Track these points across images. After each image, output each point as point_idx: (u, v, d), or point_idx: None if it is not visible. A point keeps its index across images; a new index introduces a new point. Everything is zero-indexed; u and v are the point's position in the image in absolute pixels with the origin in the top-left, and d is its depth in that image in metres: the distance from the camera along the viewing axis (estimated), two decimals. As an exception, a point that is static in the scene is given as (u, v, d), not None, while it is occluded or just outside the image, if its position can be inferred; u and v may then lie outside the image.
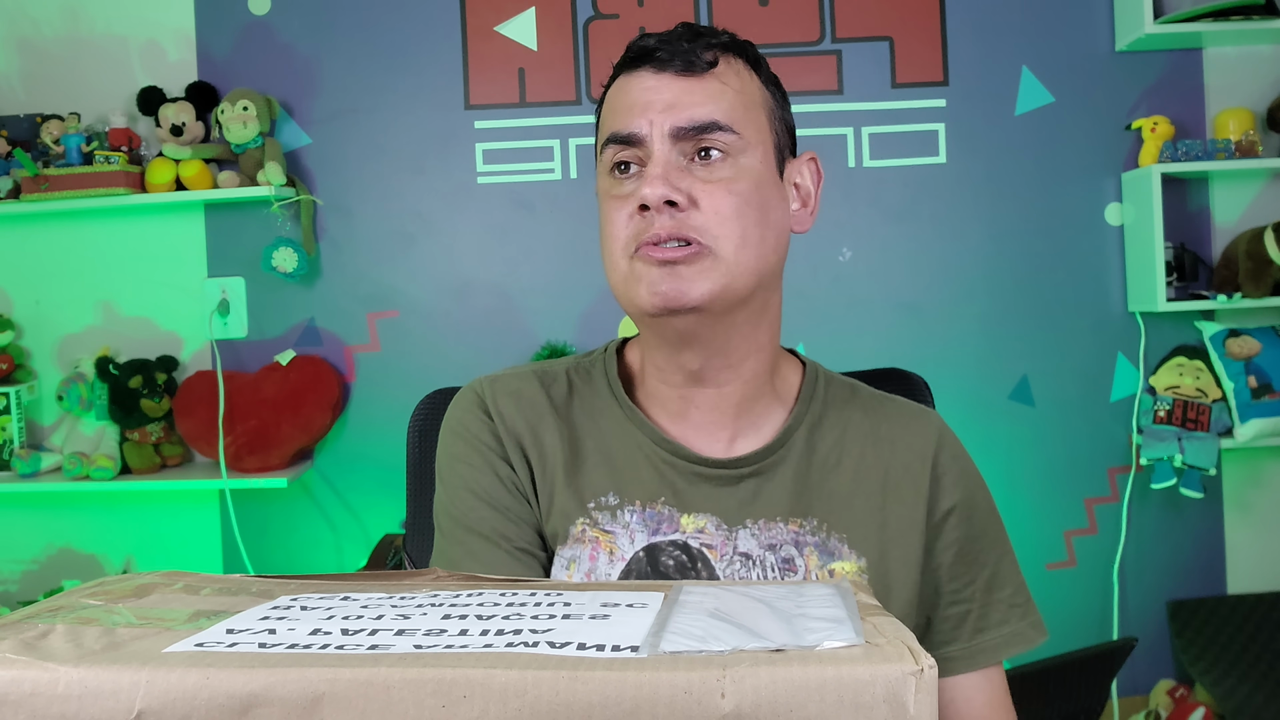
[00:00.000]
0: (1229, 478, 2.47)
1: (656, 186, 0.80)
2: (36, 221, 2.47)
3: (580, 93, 2.45)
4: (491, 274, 2.46)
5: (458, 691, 0.40)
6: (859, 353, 2.17)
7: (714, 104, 0.83)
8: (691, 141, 0.83)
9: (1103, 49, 2.44)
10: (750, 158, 0.84)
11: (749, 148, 0.84)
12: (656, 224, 0.81)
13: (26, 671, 0.41)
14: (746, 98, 0.86)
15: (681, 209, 0.81)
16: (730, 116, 0.83)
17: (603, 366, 0.95)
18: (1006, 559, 0.94)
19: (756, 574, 0.85)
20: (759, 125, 0.86)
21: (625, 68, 0.87)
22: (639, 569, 0.85)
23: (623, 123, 0.84)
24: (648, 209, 0.81)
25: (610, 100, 0.88)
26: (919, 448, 0.92)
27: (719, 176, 0.82)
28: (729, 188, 0.82)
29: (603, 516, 0.87)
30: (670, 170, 0.82)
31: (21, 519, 2.51)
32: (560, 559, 0.87)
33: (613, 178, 0.85)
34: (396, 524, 2.43)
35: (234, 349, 2.46)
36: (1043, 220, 2.45)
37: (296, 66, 2.46)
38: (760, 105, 0.87)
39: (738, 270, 0.82)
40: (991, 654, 0.91)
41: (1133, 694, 2.43)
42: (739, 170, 0.83)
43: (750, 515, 0.87)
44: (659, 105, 0.83)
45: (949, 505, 0.91)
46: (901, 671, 0.40)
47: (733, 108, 0.84)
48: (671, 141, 0.82)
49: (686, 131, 0.82)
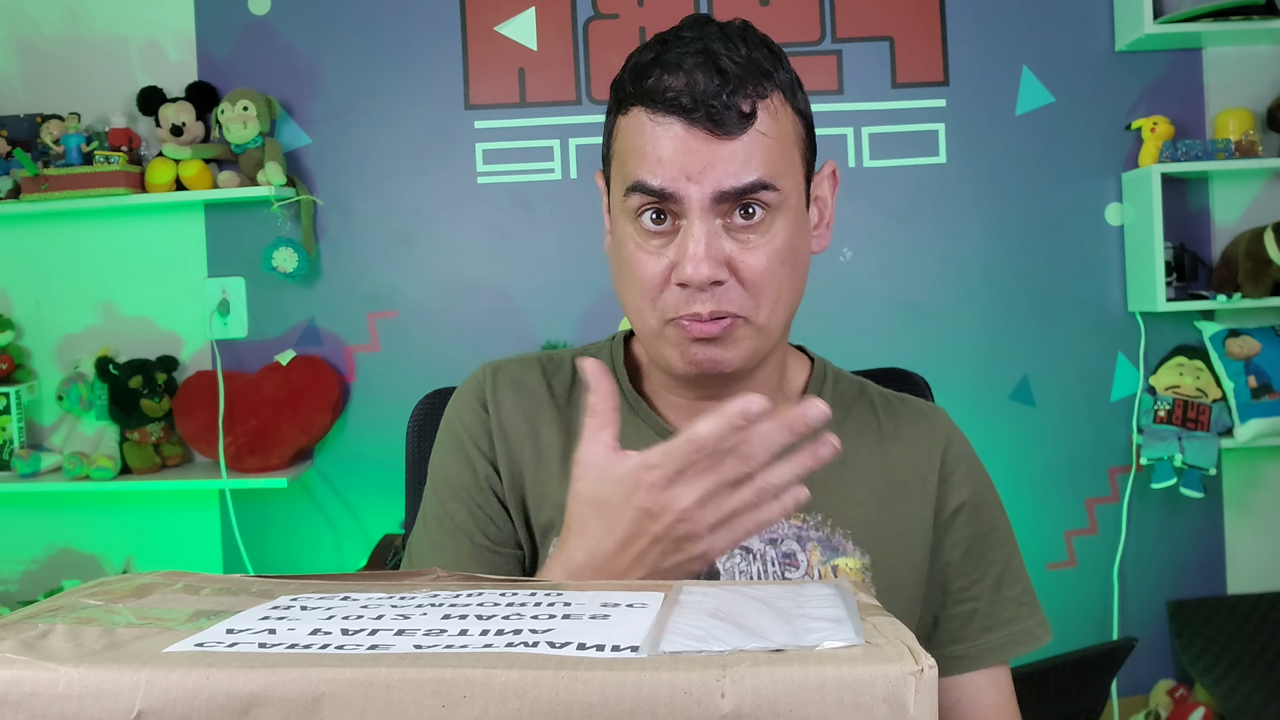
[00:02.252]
0: (1229, 478, 2.47)
1: (701, 268, 0.76)
2: (36, 221, 2.47)
3: (580, 93, 2.45)
4: (491, 274, 2.46)
5: (458, 691, 0.40)
6: (859, 353, 2.16)
7: (756, 162, 0.78)
8: (734, 202, 0.79)
9: (1103, 49, 2.44)
10: (788, 209, 0.81)
11: (787, 198, 0.81)
12: (697, 303, 0.78)
13: (26, 671, 0.41)
14: (784, 142, 0.81)
15: (722, 283, 0.78)
16: (772, 172, 0.78)
17: (609, 356, 0.95)
18: (1015, 557, 0.94)
19: (757, 568, 0.85)
20: (794, 167, 0.82)
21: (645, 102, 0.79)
22: None
23: (653, 172, 0.78)
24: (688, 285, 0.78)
25: (634, 135, 0.80)
26: (927, 445, 0.92)
27: (758, 240, 0.79)
28: (769, 250, 0.79)
29: None
30: (713, 238, 0.78)
31: (21, 519, 2.51)
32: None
33: (640, 224, 0.81)
34: (396, 524, 2.43)
35: (234, 349, 2.46)
36: (1043, 220, 2.45)
37: (296, 66, 2.46)
38: (793, 141, 0.82)
39: (770, 329, 0.82)
40: (999, 652, 0.91)
41: (1133, 694, 2.43)
42: (777, 227, 0.80)
43: None
44: (697, 165, 0.77)
45: (957, 503, 0.91)
46: (901, 671, 0.40)
47: (773, 162, 0.79)
48: (712, 204, 0.78)
49: (729, 195, 0.78)
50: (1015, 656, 0.91)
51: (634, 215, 0.81)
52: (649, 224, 0.80)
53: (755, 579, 0.85)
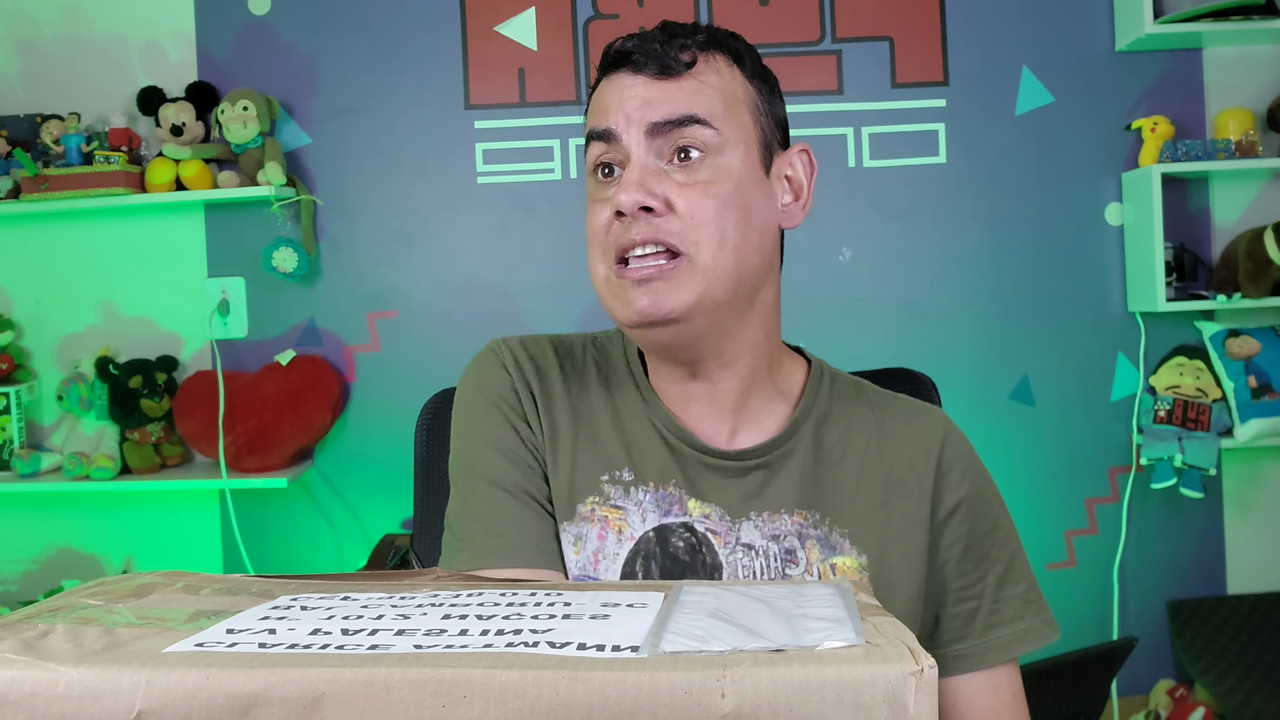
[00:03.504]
0: (1229, 478, 2.47)
1: (632, 193, 0.79)
2: (36, 221, 2.47)
3: (580, 93, 2.45)
4: (491, 274, 2.46)
5: (458, 691, 0.40)
6: (859, 353, 2.17)
7: (691, 101, 0.82)
8: (668, 138, 0.81)
9: (1103, 49, 2.44)
10: (730, 157, 0.83)
11: (729, 146, 0.83)
12: (633, 230, 0.80)
13: (26, 671, 0.41)
14: (727, 95, 0.84)
15: (658, 214, 0.80)
16: (709, 112, 0.82)
17: (621, 344, 0.96)
18: (1019, 556, 0.93)
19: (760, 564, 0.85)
20: (741, 123, 0.84)
21: (604, 71, 0.87)
22: (648, 549, 0.85)
23: (600, 120, 0.84)
24: (624, 214, 0.80)
25: (592, 102, 0.88)
26: (923, 443, 0.91)
27: (697, 179, 0.81)
28: (707, 190, 0.81)
29: (615, 491, 0.87)
30: (646, 174, 0.81)
31: (21, 519, 2.51)
32: (566, 535, 0.86)
33: (595, 180, 0.85)
34: (396, 524, 2.43)
35: (234, 349, 2.46)
36: (1043, 220, 2.45)
37: (296, 66, 2.46)
38: (743, 102, 0.85)
39: (715, 275, 0.80)
40: (1004, 651, 0.90)
41: (1133, 694, 2.44)
42: (718, 171, 0.82)
43: (755, 508, 0.87)
44: (634, 103, 0.82)
45: (954, 501, 0.90)
46: (902, 671, 0.40)
47: (711, 105, 0.82)
48: (648, 140, 0.82)
49: (662, 126, 0.81)
50: (1021, 655, 0.91)
51: (591, 172, 0.86)
52: (600, 177, 0.85)
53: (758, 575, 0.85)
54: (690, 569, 0.85)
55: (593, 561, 0.85)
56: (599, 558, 0.85)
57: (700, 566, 0.85)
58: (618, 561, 0.85)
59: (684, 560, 0.85)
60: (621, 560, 0.85)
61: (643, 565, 0.85)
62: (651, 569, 0.84)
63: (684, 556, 0.85)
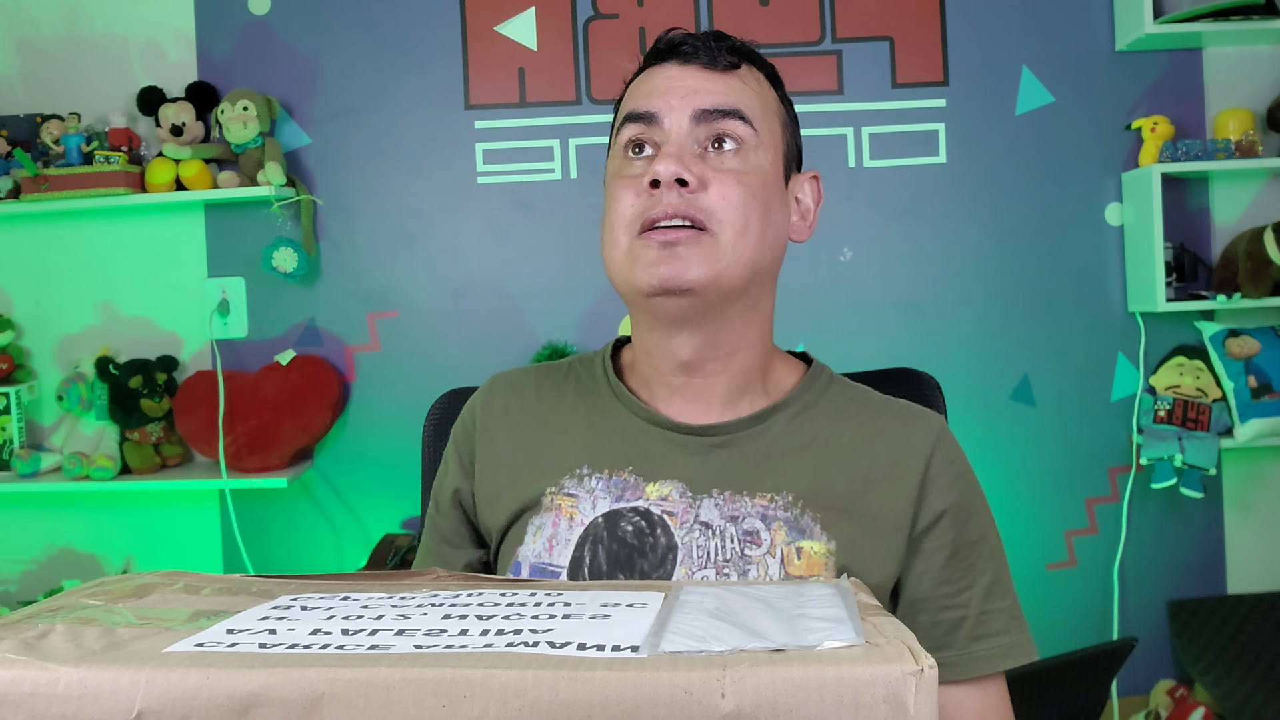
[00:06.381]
0: (1229, 478, 2.47)
1: (669, 164, 0.83)
2: (36, 221, 2.47)
3: (580, 93, 2.45)
4: (491, 274, 2.46)
5: (458, 691, 0.40)
6: (859, 353, 2.17)
7: (736, 96, 0.87)
8: (710, 127, 0.86)
9: (1103, 49, 2.44)
10: (761, 156, 0.88)
11: (762, 147, 0.88)
12: (664, 201, 0.84)
13: (26, 671, 0.41)
14: (764, 102, 0.90)
15: (691, 189, 0.84)
16: (750, 112, 0.87)
17: (602, 356, 1.00)
18: (1004, 572, 0.92)
19: (715, 544, 0.86)
20: (773, 130, 0.90)
21: (651, 61, 0.91)
22: (595, 534, 0.87)
23: (643, 103, 0.88)
24: (658, 186, 0.84)
25: (633, 89, 0.92)
26: (914, 445, 0.91)
27: (731, 166, 0.86)
28: (739, 178, 0.85)
29: (570, 483, 0.91)
30: (685, 152, 0.85)
31: (21, 519, 2.51)
32: (531, 526, 0.91)
33: (625, 158, 0.89)
34: (396, 524, 2.43)
35: (234, 349, 2.46)
36: (1043, 220, 2.45)
37: (296, 66, 2.46)
38: (775, 114, 0.92)
39: (734, 257, 0.84)
40: (988, 663, 0.88)
41: (1133, 694, 2.43)
42: (750, 165, 0.87)
43: (717, 485, 0.88)
44: (681, 91, 0.87)
45: (941, 508, 0.89)
46: (901, 671, 0.40)
47: (752, 105, 0.88)
48: (691, 125, 0.86)
49: (709, 114, 0.86)
50: (1005, 668, 0.89)
51: (622, 151, 0.89)
52: (631, 155, 0.88)
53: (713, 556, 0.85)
54: (639, 552, 0.86)
55: (547, 548, 0.89)
56: (553, 544, 0.89)
57: (650, 550, 0.86)
58: (569, 547, 0.88)
59: (631, 544, 0.86)
60: (572, 545, 0.88)
61: (590, 550, 0.87)
62: (599, 553, 0.87)
63: (631, 540, 0.86)
